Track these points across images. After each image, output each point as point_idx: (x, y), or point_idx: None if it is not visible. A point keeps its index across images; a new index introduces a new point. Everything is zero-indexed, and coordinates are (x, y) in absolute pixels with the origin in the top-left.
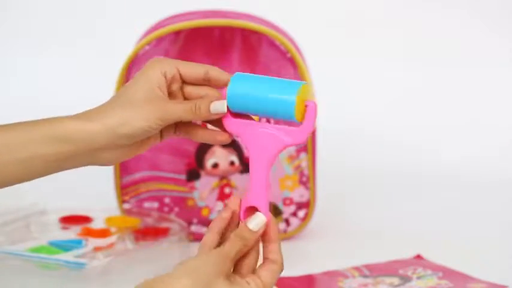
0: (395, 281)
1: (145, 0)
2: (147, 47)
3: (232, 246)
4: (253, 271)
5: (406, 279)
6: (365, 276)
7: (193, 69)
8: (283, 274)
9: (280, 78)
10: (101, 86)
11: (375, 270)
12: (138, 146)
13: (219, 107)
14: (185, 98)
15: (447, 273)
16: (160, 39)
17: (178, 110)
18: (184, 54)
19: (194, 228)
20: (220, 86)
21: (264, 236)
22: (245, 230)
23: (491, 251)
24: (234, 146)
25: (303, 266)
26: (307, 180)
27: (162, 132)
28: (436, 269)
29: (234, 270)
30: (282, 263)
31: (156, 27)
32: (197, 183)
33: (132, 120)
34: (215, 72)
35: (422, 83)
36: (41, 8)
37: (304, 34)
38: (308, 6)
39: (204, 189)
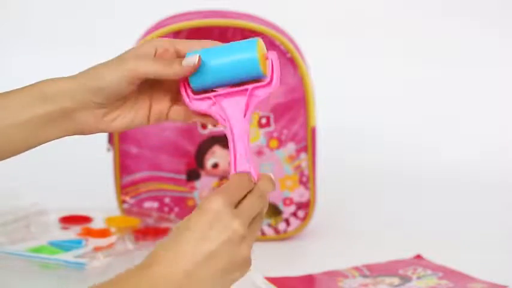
0: (395, 281)
1: (145, 0)
2: None
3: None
4: None
5: (406, 279)
6: (365, 276)
7: (189, 45)
8: (284, 274)
9: (231, 42)
10: None
11: (374, 270)
12: (120, 114)
13: (190, 60)
14: None
15: (447, 273)
16: None
17: (150, 65)
18: None
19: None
20: None
21: None
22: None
23: (491, 251)
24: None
25: (303, 266)
26: (307, 180)
27: (151, 110)
28: (436, 269)
29: None
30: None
31: (156, 27)
32: (197, 183)
33: (104, 73)
34: (212, 45)
35: (422, 83)
36: (41, 8)
37: (304, 34)
38: (308, 6)
39: (204, 189)
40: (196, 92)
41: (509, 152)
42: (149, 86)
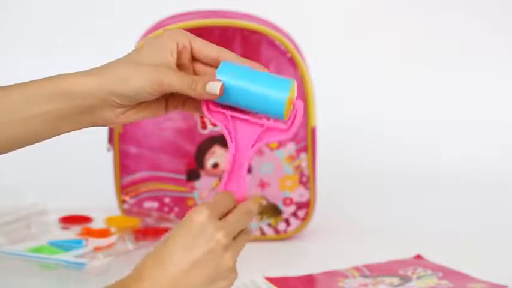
0: (395, 281)
1: (145, 0)
2: None
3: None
4: None
5: (406, 279)
6: (365, 276)
7: (205, 47)
8: (283, 274)
9: (268, 73)
10: None
11: (374, 270)
12: (140, 111)
13: (213, 88)
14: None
15: (447, 273)
16: None
17: (176, 80)
18: None
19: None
20: None
21: None
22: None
23: (491, 251)
24: None
25: (303, 266)
26: (307, 180)
27: (168, 104)
28: (436, 269)
29: None
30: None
31: (156, 27)
32: (197, 183)
33: (129, 79)
34: (228, 56)
35: (422, 83)
36: (42, 9)
37: (304, 34)
38: (308, 6)
39: (204, 189)
40: (215, 103)
41: (509, 152)
42: None
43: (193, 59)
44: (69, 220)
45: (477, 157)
